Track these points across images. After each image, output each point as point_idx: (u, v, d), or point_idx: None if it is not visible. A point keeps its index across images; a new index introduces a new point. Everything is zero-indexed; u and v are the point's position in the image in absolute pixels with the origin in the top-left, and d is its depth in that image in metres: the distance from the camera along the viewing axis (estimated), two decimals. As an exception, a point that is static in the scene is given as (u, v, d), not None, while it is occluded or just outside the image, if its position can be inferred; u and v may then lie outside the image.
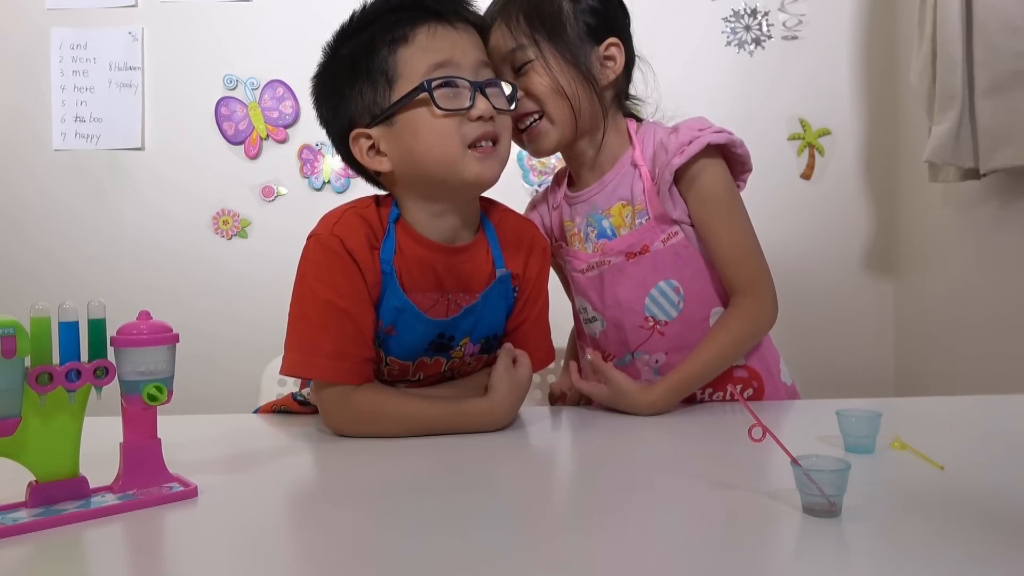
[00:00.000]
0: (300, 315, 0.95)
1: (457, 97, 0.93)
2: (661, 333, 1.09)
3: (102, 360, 0.67)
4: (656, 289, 1.07)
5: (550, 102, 1.04)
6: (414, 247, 0.97)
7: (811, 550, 0.58)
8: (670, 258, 1.07)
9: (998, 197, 1.63)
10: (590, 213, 1.12)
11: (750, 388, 1.12)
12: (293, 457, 0.88)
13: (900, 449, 0.81)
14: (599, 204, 1.11)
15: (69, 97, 2.19)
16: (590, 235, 1.12)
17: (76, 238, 2.19)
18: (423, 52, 0.92)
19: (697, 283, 1.08)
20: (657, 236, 1.06)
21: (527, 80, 1.04)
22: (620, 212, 1.09)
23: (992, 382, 1.64)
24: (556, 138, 1.06)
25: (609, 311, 1.10)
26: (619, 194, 1.10)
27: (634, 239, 1.07)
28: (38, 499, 0.65)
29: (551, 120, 1.05)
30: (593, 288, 1.11)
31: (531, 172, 2.13)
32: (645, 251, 1.07)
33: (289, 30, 2.14)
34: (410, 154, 0.94)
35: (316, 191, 2.17)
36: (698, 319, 1.09)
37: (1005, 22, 1.44)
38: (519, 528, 0.64)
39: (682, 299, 1.08)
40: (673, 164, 1.03)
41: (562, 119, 1.05)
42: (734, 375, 1.11)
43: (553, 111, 1.05)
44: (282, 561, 0.58)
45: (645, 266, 1.07)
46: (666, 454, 0.87)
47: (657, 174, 1.06)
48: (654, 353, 1.10)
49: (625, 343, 1.11)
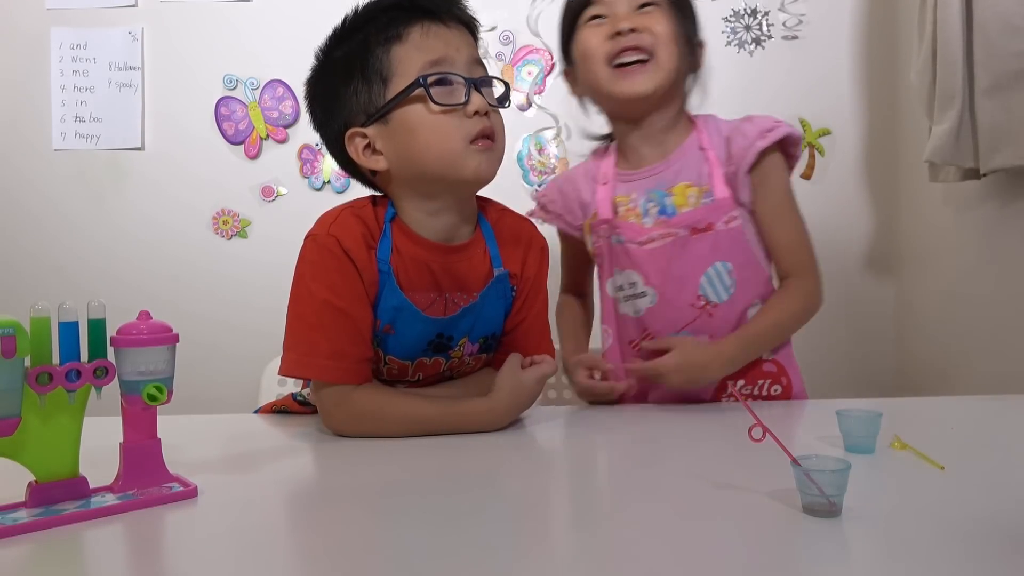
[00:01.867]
0: (298, 315, 0.95)
1: (452, 94, 0.93)
2: (709, 315, 1.10)
3: (102, 360, 0.67)
4: (712, 269, 1.10)
5: (664, 47, 1.08)
6: (410, 246, 0.97)
7: (811, 550, 0.58)
8: (729, 241, 1.10)
9: (998, 197, 1.63)
10: (652, 190, 1.13)
11: (778, 385, 1.14)
12: (293, 457, 0.88)
13: (900, 449, 0.81)
14: (665, 181, 1.13)
15: (69, 97, 2.19)
16: (650, 211, 1.13)
17: (76, 238, 2.19)
18: (417, 49, 0.93)
19: (747, 271, 1.12)
20: (720, 216, 1.10)
21: (650, 19, 1.08)
22: (683, 192, 1.12)
23: (992, 382, 1.64)
24: (655, 83, 1.09)
25: (666, 285, 1.11)
26: (684, 175, 1.13)
27: (700, 215, 1.10)
28: (38, 499, 0.65)
29: (658, 64, 1.08)
30: (652, 260, 1.11)
31: (531, 172, 2.13)
32: (709, 228, 1.09)
33: (289, 30, 2.14)
34: (407, 151, 0.94)
35: (316, 191, 2.17)
36: (741, 308, 1.12)
37: (1005, 22, 1.44)
38: (519, 528, 0.64)
39: (734, 284, 1.10)
40: (757, 145, 1.09)
41: (668, 67, 1.09)
42: (763, 369, 1.14)
43: (663, 56, 1.08)
44: (282, 561, 0.58)
45: (706, 244, 1.10)
46: (666, 454, 0.87)
47: (735, 154, 1.11)
48: (700, 334, 1.11)
49: (672, 321, 1.12)
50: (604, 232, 1.16)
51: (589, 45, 1.11)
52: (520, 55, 2.12)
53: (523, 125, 2.13)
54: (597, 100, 1.18)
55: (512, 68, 2.12)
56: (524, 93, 2.12)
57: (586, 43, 1.11)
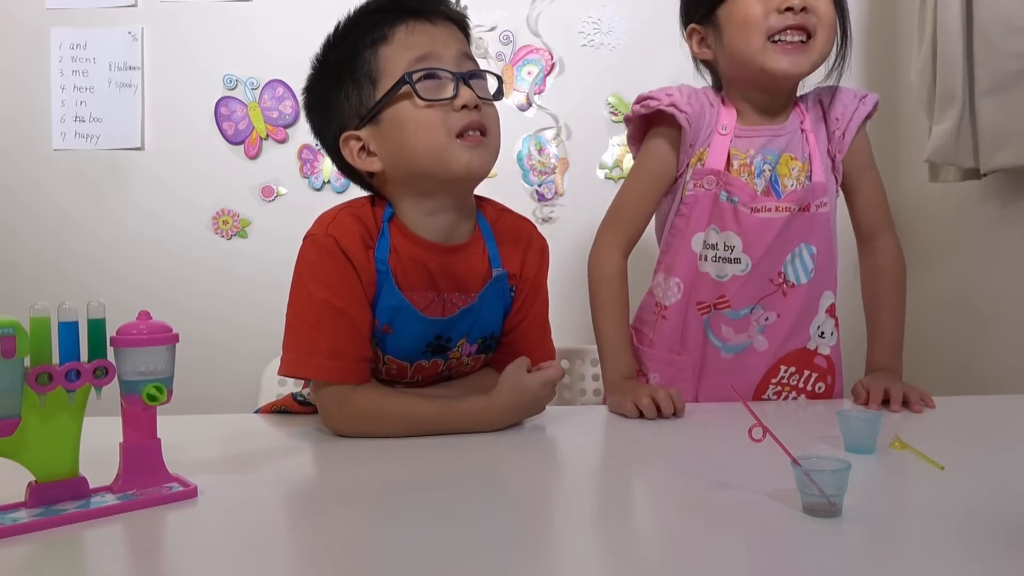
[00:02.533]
0: (297, 315, 0.95)
1: (440, 88, 0.93)
2: (784, 294, 1.12)
3: (102, 360, 0.67)
4: (799, 248, 1.13)
5: (824, 31, 1.09)
6: (408, 246, 0.97)
7: (811, 550, 0.58)
8: (818, 225, 1.13)
9: (998, 197, 1.63)
10: (766, 149, 1.14)
11: (823, 383, 1.17)
12: (293, 457, 0.88)
13: (900, 449, 0.81)
14: (779, 146, 1.14)
15: (69, 97, 2.18)
16: (764, 172, 1.13)
17: (76, 238, 2.19)
18: (403, 48, 0.94)
19: (825, 259, 1.14)
20: (816, 199, 1.12)
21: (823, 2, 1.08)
22: (787, 163, 1.14)
23: (992, 382, 1.64)
24: (810, 65, 1.10)
25: (763, 257, 1.11)
26: (791, 146, 1.15)
27: (804, 194, 1.12)
28: (38, 499, 0.65)
29: (815, 47, 1.09)
30: (760, 230, 1.11)
31: (531, 172, 2.13)
32: (806, 209, 1.12)
33: (289, 30, 2.13)
34: (398, 150, 0.95)
35: (316, 191, 2.17)
36: (816, 294, 1.15)
37: (1005, 22, 1.44)
38: (519, 528, 0.64)
39: (815, 269, 1.13)
40: (860, 114, 1.15)
41: (824, 51, 1.10)
42: (815, 362, 1.17)
43: (821, 39, 1.09)
44: (282, 561, 0.58)
45: (801, 223, 1.12)
46: (666, 454, 0.87)
47: (840, 126, 1.15)
48: (769, 311, 1.13)
49: (750, 294, 1.13)
50: (711, 183, 1.12)
51: (753, 13, 1.07)
52: (520, 55, 2.12)
53: (523, 125, 2.13)
54: (733, 66, 1.13)
55: (512, 68, 2.12)
56: (524, 93, 2.12)
57: (749, 10, 1.07)
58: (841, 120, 1.15)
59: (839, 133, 1.15)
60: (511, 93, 2.11)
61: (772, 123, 1.16)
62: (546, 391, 0.97)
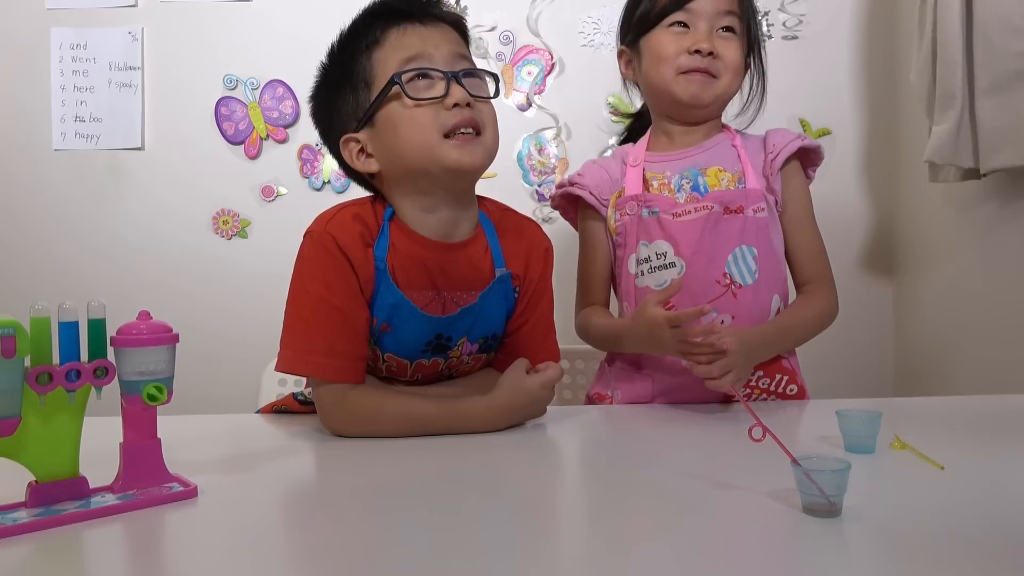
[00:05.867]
0: (294, 311, 0.96)
1: (431, 87, 0.95)
2: (734, 295, 1.13)
3: (102, 360, 0.67)
4: (739, 250, 1.14)
5: (729, 72, 1.16)
6: (408, 244, 0.98)
7: (811, 550, 0.58)
8: (756, 228, 1.14)
9: (998, 197, 1.63)
10: (688, 169, 1.19)
11: (794, 384, 1.17)
12: (293, 457, 0.88)
13: (900, 449, 0.81)
14: (699, 163, 1.19)
15: (69, 97, 2.18)
16: (683, 187, 1.18)
17: (76, 238, 2.19)
18: (394, 50, 0.95)
19: (769, 261, 1.15)
20: (751, 203, 1.14)
21: (726, 45, 1.15)
22: (716, 175, 1.17)
23: (992, 382, 1.64)
24: (714, 96, 1.16)
25: (696, 257, 1.13)
26: (718, 160, 1.19)
27: (732, 196, 1.14)
28: (38, 499, 0.65)
29: (721, 84, 1.16)
30: (685, 232, 1.13)
31: (531, 172, 2.13)
32: (740, 211, 1.14)
33: (289, 30, 2.13)
34: (392, 150, 0.96)
35: (316, 191, 2.17)
36: (765, 296, 1.15)
37: (1005, 22, 1.44)
38: (519, 528, 0.64)
39: (758, 270, 1.14)
40: (794, 144, 1.17)
41: (730, 89, 1.18)
42: (783, 365, 1.17)
43: (727, 79, 1.16)
44: (282, 561, 0.58)
45: (736, 225, 1.14)
46: (666, 454, 0.87)
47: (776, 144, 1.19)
48: (724, 313, 1.13)
49: (698, 296, 1.12)
50: (632, 208, 1.17)
51: (666, 51, 1.16)
52: (520, 55, 2.12)
53: (523, 125, 2.13)
54: (651, 92, 1.23)
55: (512, 68, 2.12)
56: (524, 93, 2.12)
57: (664, 48, 1.16)
58: (776, 147, 1.19)
59: (771, 156, 1.18)
60: (511, 93, 2.11)
61: (689, 147, 1.21)
62: (545, 392, 0.97)
